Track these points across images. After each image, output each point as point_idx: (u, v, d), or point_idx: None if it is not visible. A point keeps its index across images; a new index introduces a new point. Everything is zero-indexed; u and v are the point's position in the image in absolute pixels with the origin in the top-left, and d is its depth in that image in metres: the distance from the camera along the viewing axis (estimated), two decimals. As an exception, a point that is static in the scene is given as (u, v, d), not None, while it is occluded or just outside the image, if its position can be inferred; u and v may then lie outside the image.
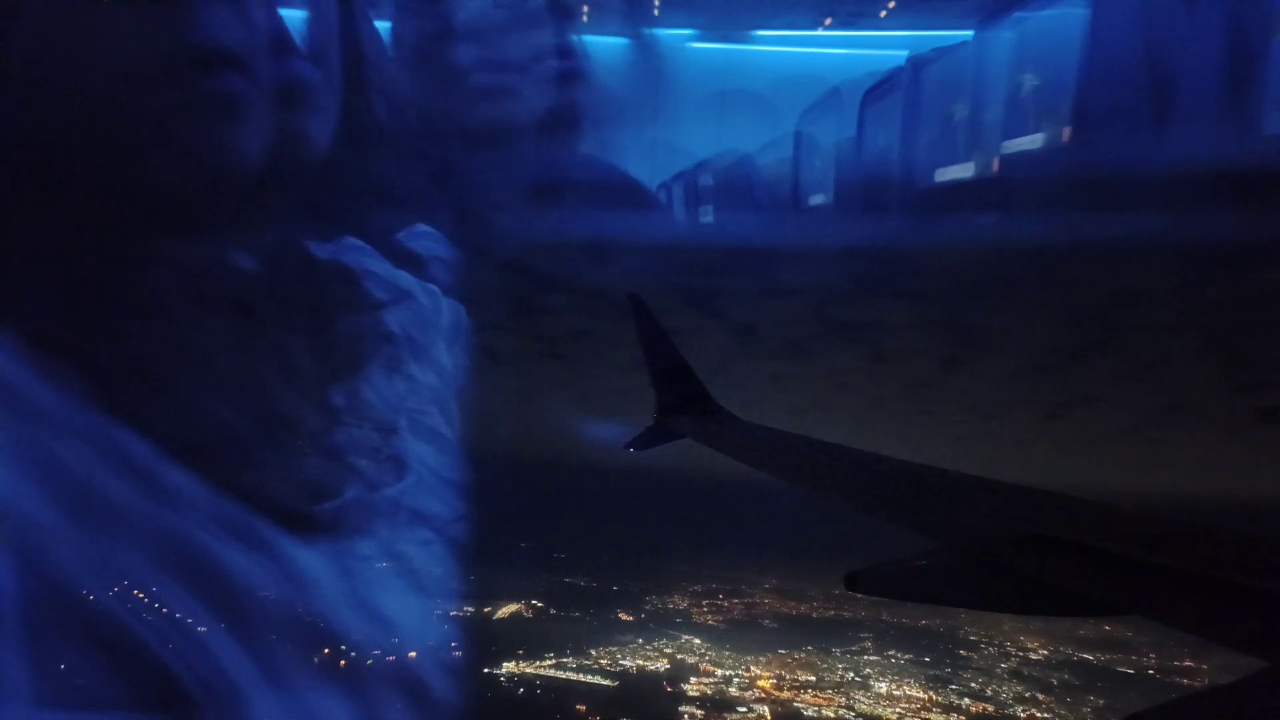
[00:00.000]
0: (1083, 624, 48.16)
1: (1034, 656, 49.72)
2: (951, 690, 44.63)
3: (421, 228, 38.50)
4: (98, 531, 34.03)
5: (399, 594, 45.10)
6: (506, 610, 53.82)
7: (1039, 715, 41.77)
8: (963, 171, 32.53)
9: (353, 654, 41.92)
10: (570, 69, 37.14)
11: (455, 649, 44.10)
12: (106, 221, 29.78)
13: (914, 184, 34.25)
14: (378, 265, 36.86)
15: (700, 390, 11.55)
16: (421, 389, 43.53)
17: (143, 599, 37.75)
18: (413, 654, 42.13)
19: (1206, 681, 43.85)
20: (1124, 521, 4.93)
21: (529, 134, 38.28)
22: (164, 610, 37.37)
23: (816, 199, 38.74)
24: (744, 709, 41.72)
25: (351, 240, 35.71)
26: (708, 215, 41.60)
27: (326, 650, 41.94)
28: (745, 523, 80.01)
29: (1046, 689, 45.09)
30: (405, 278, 38.62)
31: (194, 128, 28.62)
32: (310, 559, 38.98)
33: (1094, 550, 4.30)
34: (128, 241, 30.66)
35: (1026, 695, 44.14)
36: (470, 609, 50.90)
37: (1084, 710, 42.18)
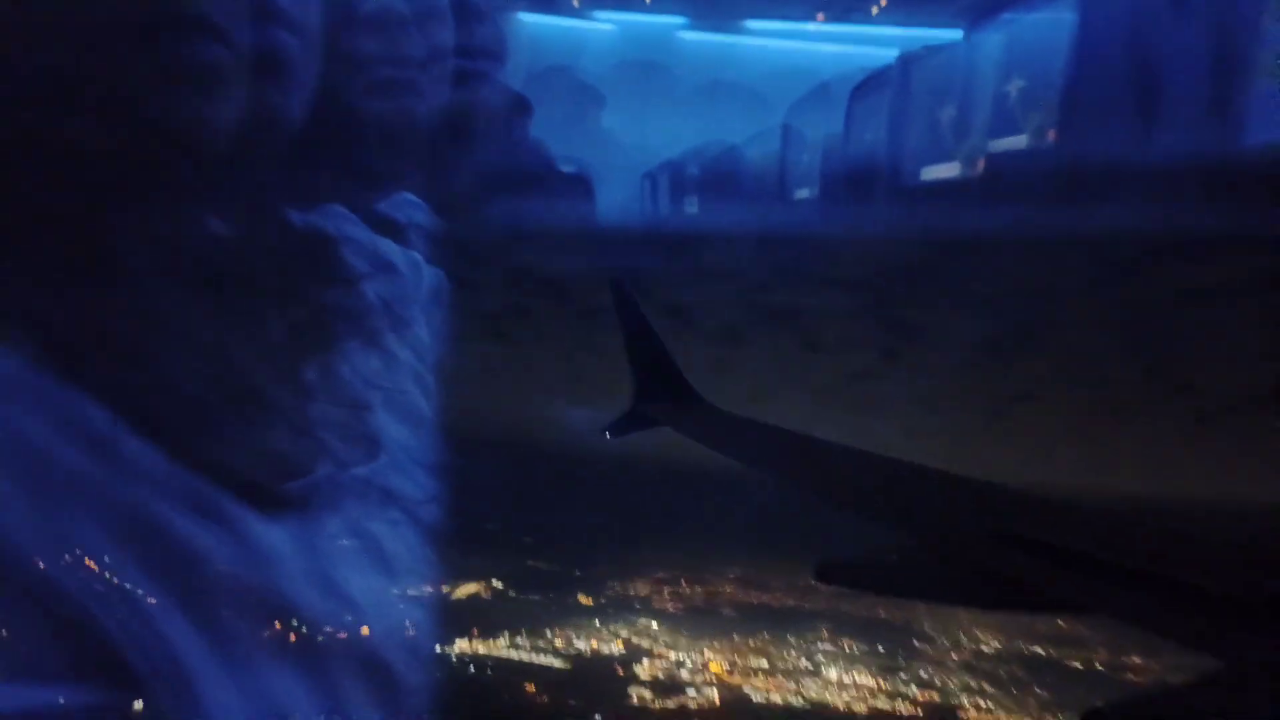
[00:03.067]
0: (1039, 618, 48.55)
1: (986, 649, 50.12)
2: (900, 679, 45.04)
3: (404, 196, 38.21)
4: (52, 501, 33.83)
5: (358, 571, 45.12)
6: (465, 590, 53.86)
7: (983, 705, 42.20)
8: (947, 170, 32.75)
9: (304, 630, 41.98)
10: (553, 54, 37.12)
11: (409, 627, 44.21)
12: (71, 189, 29.45)
13: (898, 180, 34.43)
14: (357, 232, 36.53)
15: (679, 378, 11.49)
16: (400, 364, 43.37)
17: (95, 570, 37.60)
18: (365, 630, 42.22)
19: (1155, 679, 44.39)
20: (1086, 519, 4.97)
21: (500, 118, 38.11)
22: (114, 581, 37.25)
23: (799, 192, 38.86)
24: (693, 691, 42.01)
25: (329, 207, 35.38)
26: (689, 205, 41.67)
27: (278, 625, 42.00)
28: (716, 511, 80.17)
29: (995, 681, 45.55)
30: (386, 245, 38.25)
31: (165, 95, 28.32)
32: (270, 534, 38.93)
33: (1059, 549, 4.37)
34: (93, 209, 30.30)
35: (974, 686, 44.61)
36: (429, 588, 50.91)
37: (1029, 702, 42.62)
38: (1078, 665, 48.04)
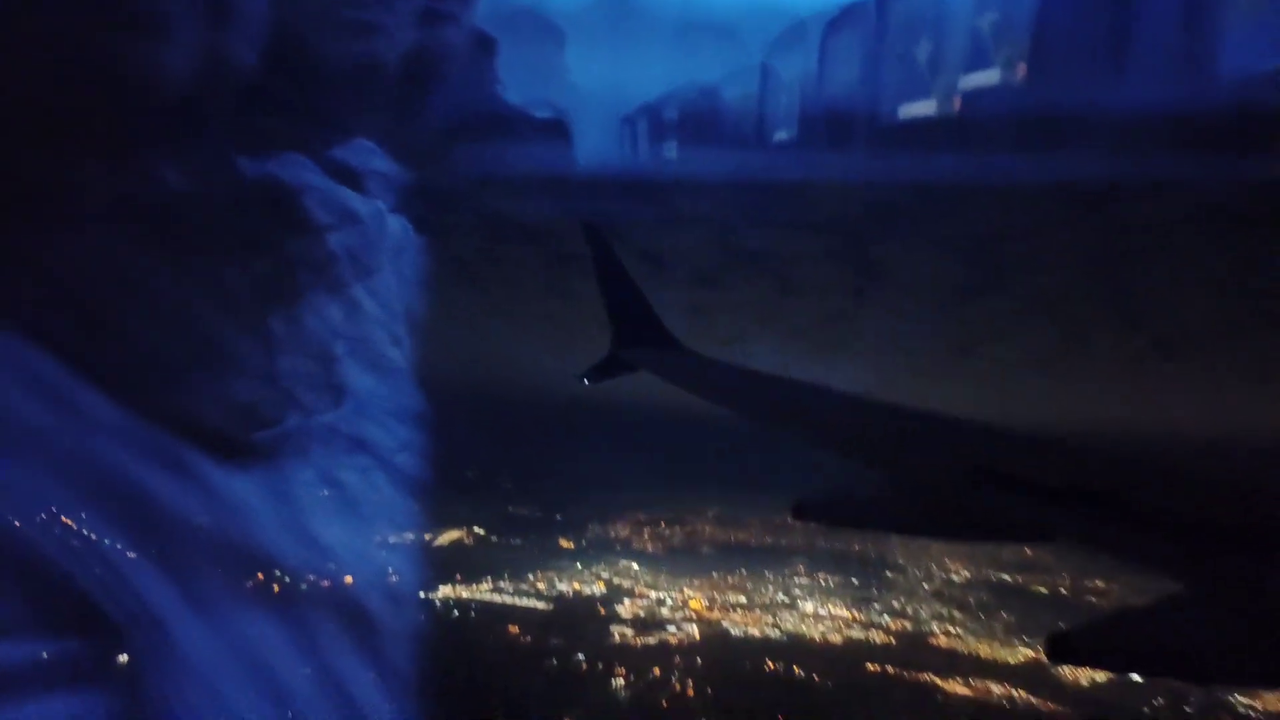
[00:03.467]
0: (1006, 547, 50.15)
1: (956, 578, 51.94)
2: (874, 609, 46.58)
3: (364, 143, 37.05)
4: (24, 459, 33.32)
5: (338, 521, 45.25)
6: (447, 537, 54.44)
7: (952, 631, 43.84)
8: (921, 109, 32.38)
9: (287, 580, 42.25)
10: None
11: (392, 575, 44.68)
12: (20, 140, 28.18)
13: (873, 121, 34.01)
14: (318, 181, 35.49)
15: (656, 323, 11.43)
16: (367, 313, 42.75)
17: (71, 526, 37.36)
18: (348, 579, 42.59)
19: (1116, 602, 46.34)
20: (1053, 452, 5.09)
21: (467, 61, 36.83)
22: (91, 537, 37.05)
23: (776, 134, 38.29)
24: (674, 628, 43.12)
25: (291, 155, 34.23)
26: (667, 149, 40.91)
27: (260, 576, 42.23)
28: (693, 454, 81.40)
29: (964, 607, 47.30)
30: (348, 194, 37.27)
31: (111, 41, 27.00)
32: (247, 486, 38.77)
33: (1028, 481, 4.49)
34: (43, 160, 29.06)
35: (944, 613, 46.29)
36: (411, 536, 51.37)
37: (995, 627, 44.35)
38: (1043, 591, 50.01)
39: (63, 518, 36.87)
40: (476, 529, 56.44)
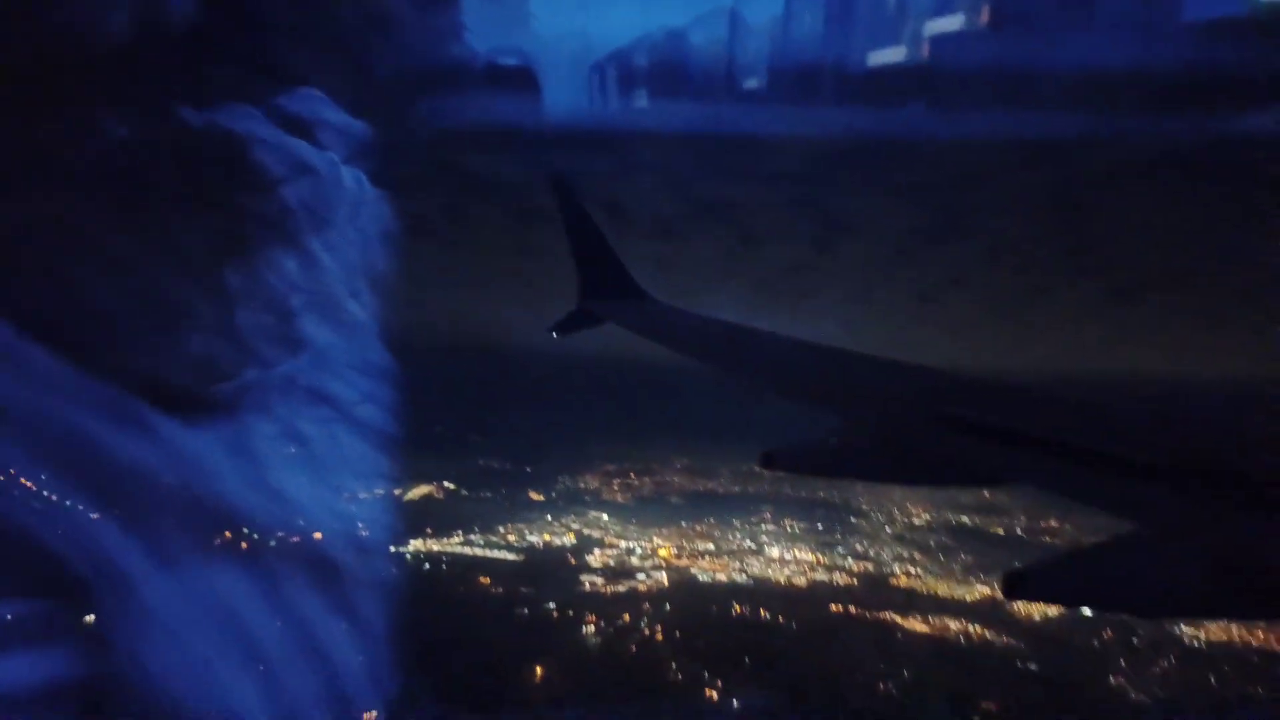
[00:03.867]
0: (965, 490, 51.69)
1: (917, 521, 53.50)
2: (838, 553, 47.87)
3: (316, 94, 35.69)
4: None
5: (305, 476, 45.00)
6: (418, 492, 54.54)
7: (913, 571, 45.31)
8: (885, 57, 31.97)
9: (255, 536, 42.13)
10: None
11: (362, 529, 44.75)
12: None
13: (838, 66, 33.54)
14: (269, 133, 34.25)
15: (624, 274, 11.31)
16: (324, 267, 41.86)
17: (31, 488, 36.73)
18: (318, 535, 42.58)
19: (1069, 541, 48.15)
20: (1013, 398, 5.22)
21: (425, 6, 35.51)
22: (52, 498, 36.50)
23: (745, 81, 37.65)
24: (643, 576, 43.95)
25: (241, 107, 32.91)
26: (636, 96, 39.98)
27: (228, 534, 42.05)
28: (663, 406, 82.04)
29: (924, 549, 48.82)
30: (301, 147, 36.09)
31: None
32: (209, 441, 38.28)
33: (989, 427, 4.54)
34: None
35: (905, 555, 47.76)
36: (381, 491, 51.35)
37: (954, 568, 45.91)
38: (999, 532, 51.79)
39: (22, 480, 36.24)
40: (447, 483, 56.57)
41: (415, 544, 45.67)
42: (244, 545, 41.57)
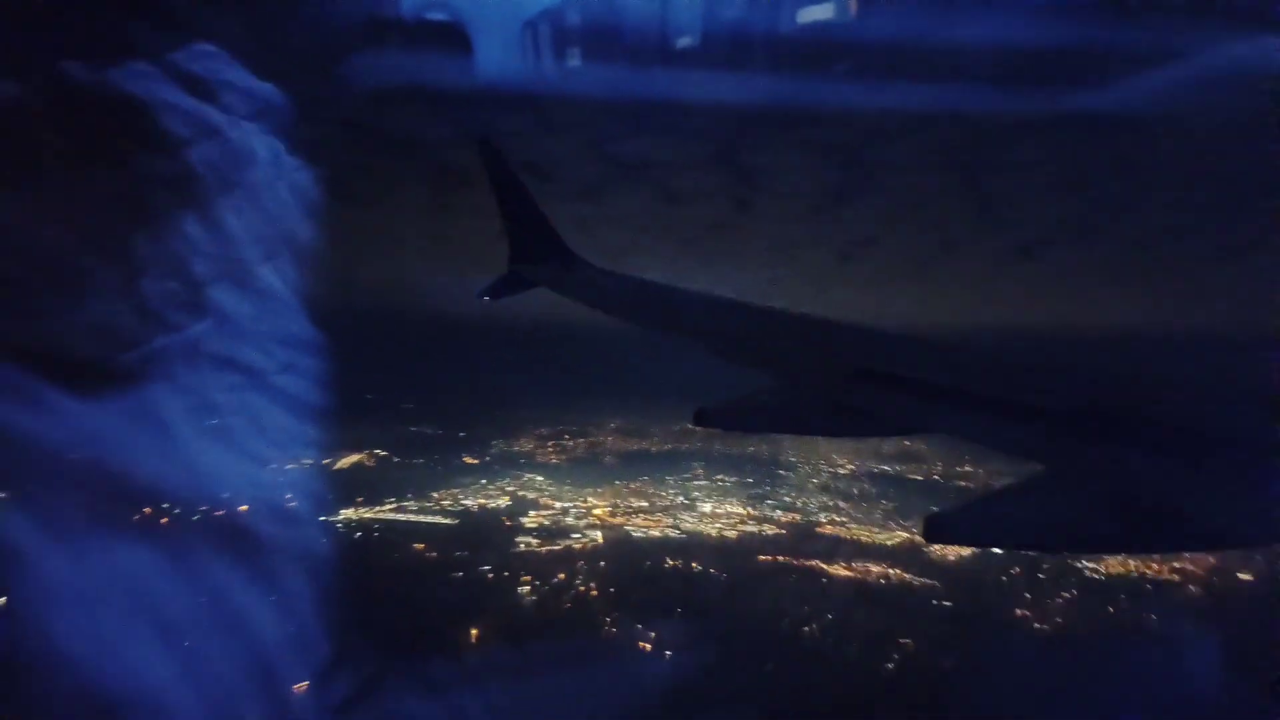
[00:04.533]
0: (886, 440, 53.84)
1: (841, 471, 55.57)
2: (767, 505, 49.43)
3: (221, 52, 33.82)
4: None
5: (229, 449, 43.77)
6: (348, 460, 53.65)
7: (838, 519, 47.21)
8: (814, 15, 31.96)
9: (177, 511, 40.91)
10: None
11: (290, 500, 43.90)
12: None
13: (770, 27, 33.45)
14: (171, 93, 32.35)
15: (554, 237, 11.17)
16: (237, 232, 40.24)
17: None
18: (243, 507, 41.60)
19: (982, 485, 50.87)
20: (928, 351, 5.44)
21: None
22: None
23: (674, 38, 37.21)
24: (578, 535, 44.54)
25: (139, 65, 30.90)
26: (570, 57, 39.07)
27: (148, 510, 40.70)
28: (596, 368, 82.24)
29: (848, 498, 50.86)
30: (202, 107, 34.32)
31: None
32: (121, 415, 36.76)
33: (908, 379, 4.81)
34: None
35: (830, 504, 49.66)
36: (309, 461, 50.39)
37: (876, 514, 48.02)
38: (918, 478, 54.29)
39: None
40: (378, 450, 55.78)
41: (346, 513, 45.09)
42: (164, 520, 40.36)
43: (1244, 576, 39.37)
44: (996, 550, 39.42)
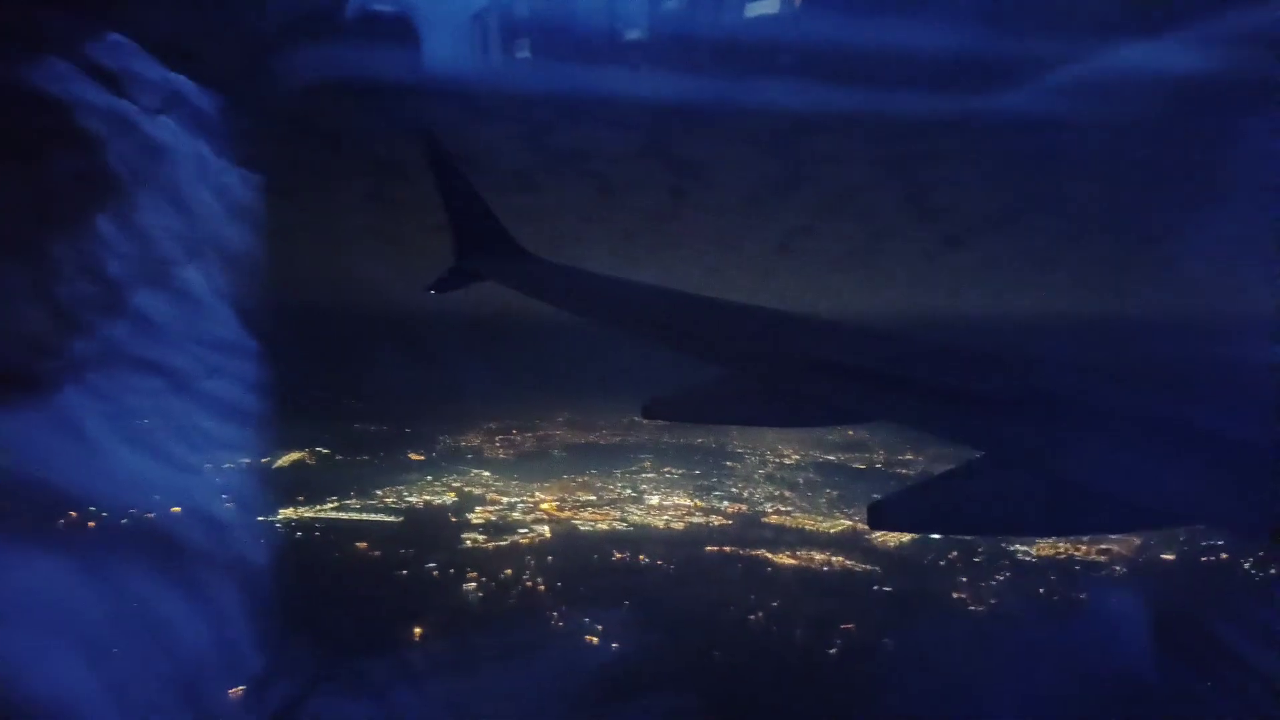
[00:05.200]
0: (831, 430, 54.80)
1: (787, 461, 56.40)
2: (714, 496, 49.91)
3: (123, 40, 32.42)
4: None
5: (160, 452, 42.23)
6: (288, 459, 52.35)
7: (783, 509, 47.94)
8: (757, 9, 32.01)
9: (104, 515, 39.44)
10: None
11: (226, 501, 42.62)
12: None
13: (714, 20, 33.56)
14: (84, 89, 30.94)
15: (500, 230, 11.01)
16: (160, 233, 38.79)
17: None
18: (175, 509, 40.26)
19: (923, 473, 52.15)
20: (876, 341, 5.56)
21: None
22: None
23: (624, 30, 36.95)
24: (525, 530, 44.34)
25: (48, 58, 29.43)
26: (520, 48, 38.41)
27: (73, 514, 39.18)
28: (544, 361, 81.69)
29: (793, 487, 51.66)
30: (124, 105, 32.94)
31: None
32: (39, 423, 35.16)
33: (854, 368, 4.84)
34: None
35: (776, 494, 50.38)
36: (246, 460, 48.90)
37: (819, 503, 48.90)
38: (861, 467, 55.45)
39: None
40: (320, 449, 54.56)
41: (285, 513, 44.04)
42: (91, 525, 38.89)
43: (1167, 556, 41.27)
44: (935, 535, 40.73)
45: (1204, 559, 40.61)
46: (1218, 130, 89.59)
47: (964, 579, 39.74)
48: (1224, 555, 40.27)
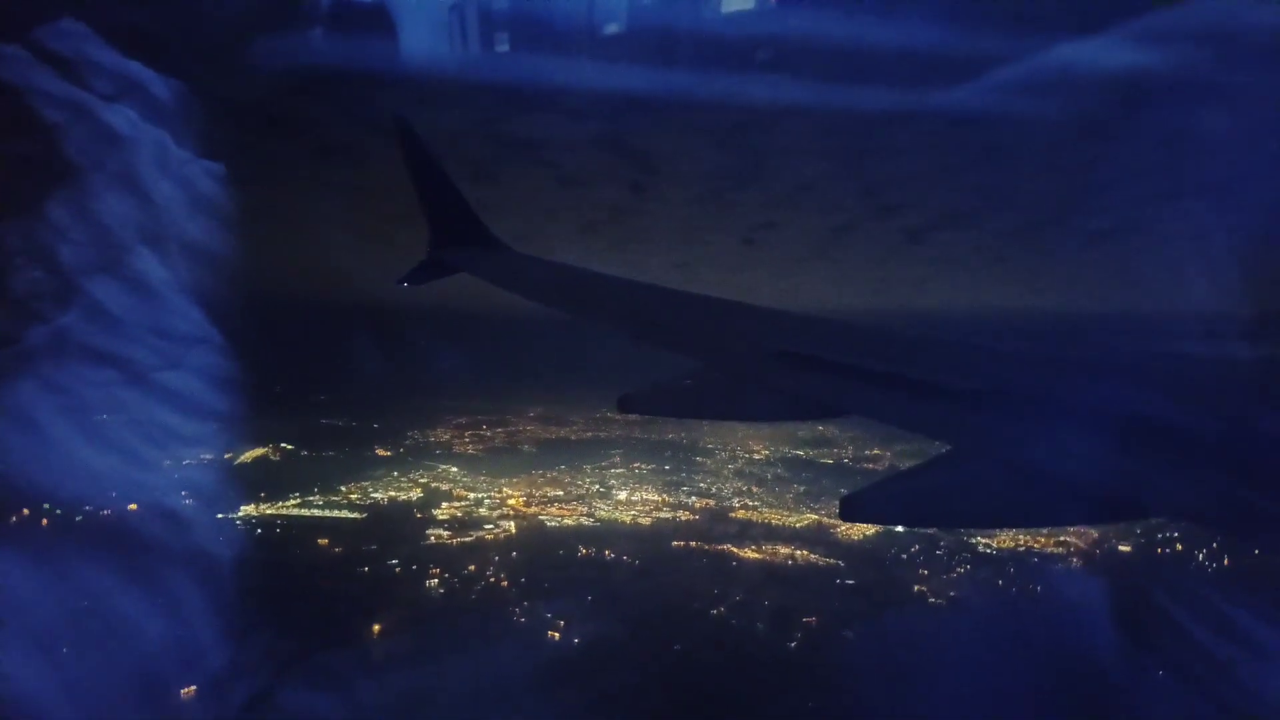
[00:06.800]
0: (800, 425, 55.11)
1: (756, 457, 56.64)
2: (682, 491, 49.98)
3: (77, 27, 31.84)
4: None
5: (118, 446, 41.53)
6: (250, 455, 51.67)
7: (750, 504, 48.12)
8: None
9: (58, 513, 38.75)
10: None
11: (185, 498, 41.96)
12: None
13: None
14: (37, 77, 30.35)
15: (475, 221, 10.73)
16: (116, 223, 38.16)
17: None
18: (132, 506, 39.62)
19: (890, 466, 52.58)
20: (844, 334, 5.49)
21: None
22: None
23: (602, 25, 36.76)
24: (491, 526, 44.12)
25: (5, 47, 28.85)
26: (498, 38, 38.00)
27: (26, 510, 38.47)
28: (518, 355, 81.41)
29: (761, 482, 51.89)
30: (78, 92, 32.37)
31: None
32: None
33: (827, 362, 4.80)
34: None
35: (744, 489, 50.54)
36: (208, 456, 48.23)
37: (786, 497, 49.13)
38: (829, 462, 55.79)
39: None
40: (284, 444, 53.90)
41: (246, 509, 43.44)
42: (44, 523, 38.18)
43: (1124, 548, 41.96)
44: (899, 529, 41.11)
45: (1160, 550, 41.34)
46: (1177, 128, 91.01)
47: (925, 572, 40.15)
48: (1179, 547, 41.02)
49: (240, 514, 43.04)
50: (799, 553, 42.01)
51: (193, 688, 28.95)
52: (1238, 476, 3.02)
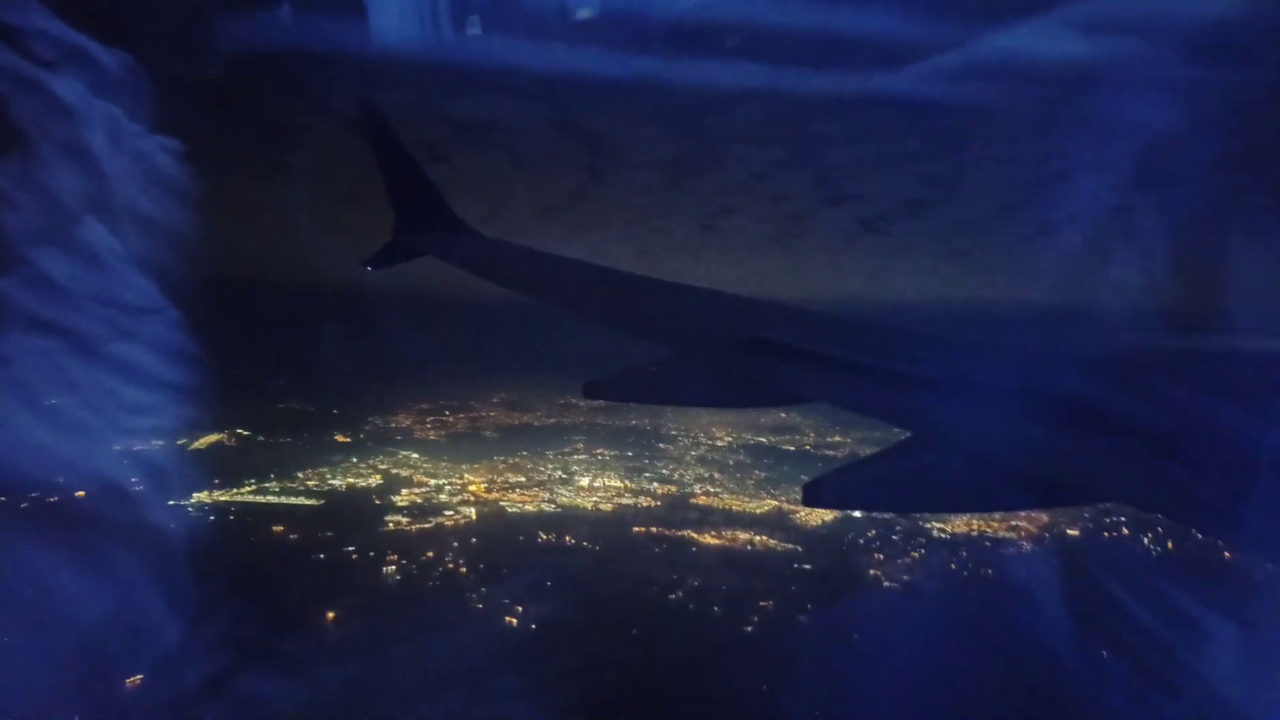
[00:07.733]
0: (764, 412, 55.49)
1: (719, 443, 56.96)
2: (645, 478, 50.13)
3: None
4: None
5: (65, 431, 40.42)
6: (205, 441, 50.65)
7: (712, 490, 48.44)
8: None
9: (2, 499, 37.71)
10: None
11: (135, 484, 41.00)
12: None
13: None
14: None
15: (441, 204, 10.62)
16: (69, 199, 37.05)
17: None
18: (80, 493, 38.63)
19: (850, 453, 53.21)
20: (811, 321, 5.56)
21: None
22: None
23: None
24: (451, 512, 43.89)
25: None
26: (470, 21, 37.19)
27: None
28: (483, 340, 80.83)
29: (723, 469, 52.22)
30: (29, 67, 31.33)
31: None
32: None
33: (794, 349, 4.83)
34: None
35: (706, 475, 50.86)
36: (160, 442, 47.14)
37: (748, 484, 49.53)
38: (791, 449, 56.30)
39: None
40: (240, 430, 52.94)
41: (199, 496, 42.64)
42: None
43: (1072, 532, 43.07)
44: (857, 514, 41.70)
45: (1107, 534, 42.48)
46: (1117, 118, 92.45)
47: (880, 556, 40.82)
48: (1125, 531, 42.19)
49: (192, 501, 42.25)
50: (758, 538, 42.44)
51: (139, 677, 28.45)
52: (1181, 464, 3.14)
